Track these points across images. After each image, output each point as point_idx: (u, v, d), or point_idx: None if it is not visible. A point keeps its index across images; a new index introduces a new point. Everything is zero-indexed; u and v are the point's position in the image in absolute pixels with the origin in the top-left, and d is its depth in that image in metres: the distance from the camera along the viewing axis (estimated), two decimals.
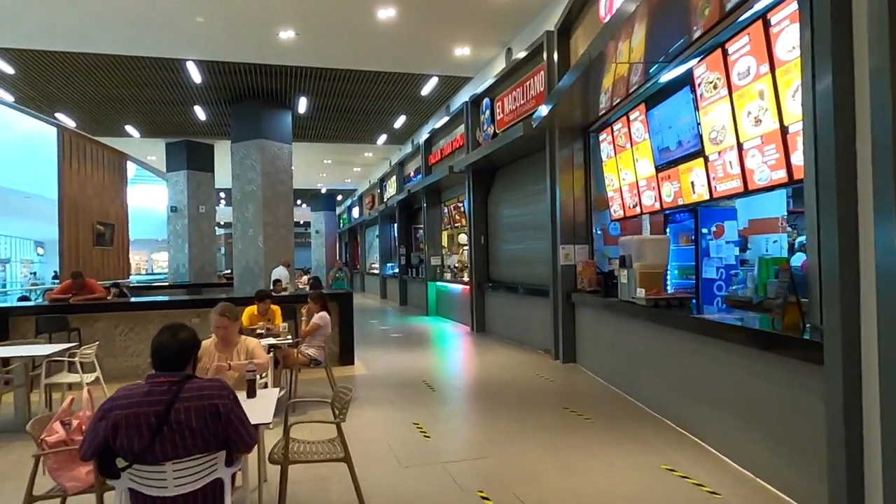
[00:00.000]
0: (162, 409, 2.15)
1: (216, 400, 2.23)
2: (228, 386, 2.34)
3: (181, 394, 2.20)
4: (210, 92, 12.34)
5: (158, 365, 2.28)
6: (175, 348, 2.28)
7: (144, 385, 2.25)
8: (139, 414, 2.12)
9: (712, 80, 4.84)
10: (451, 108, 13.00)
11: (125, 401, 2.14)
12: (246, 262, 12.94)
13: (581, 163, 7.97)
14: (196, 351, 2.43)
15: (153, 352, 2.31)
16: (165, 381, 2.23)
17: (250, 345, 3.60)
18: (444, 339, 11.11)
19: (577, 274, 7.85)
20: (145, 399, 2.16)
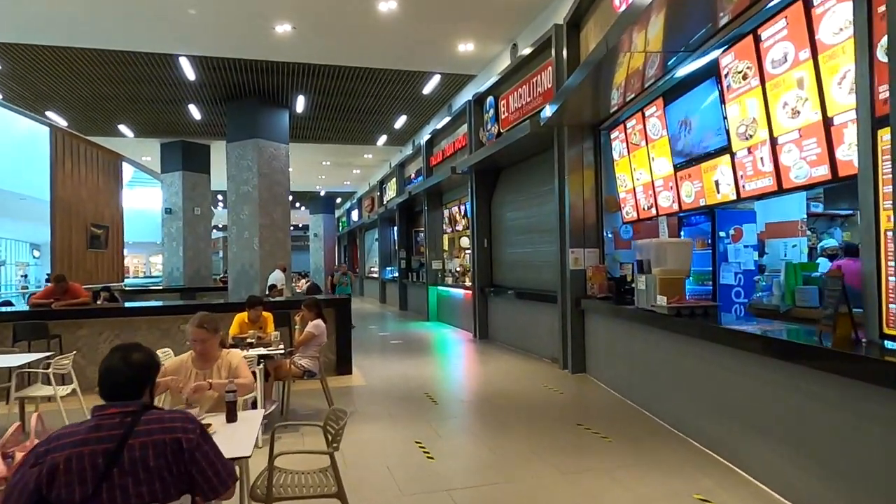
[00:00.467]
0: (112, 446, 1.74)
1: (179, 434, 1.83)
2: (195, 418, 1.94)
3: (137, 427, 1.80)
4: (204, 90, 11.96)
5: (107, 393, 1.88)
6: (127, 373, 1.89)
7: (90, 419, 1.85)
8: (83, 455, 1.72)
9: (741, 69, 4.45)
10: (454, 107, 12.62)
11: (66, 440, 1.74)
12: (241, 265, 12.53)
13: (591, 162, 7.58)
14: (154, 374, 2.03)
15: (100, 378, 1.91)
16: (117, 413, 1.82)
17: (233, 360, 3.19)
18: (446, 346, 10.69)
19: (587, 279, 7.44)
20: (92, 436, 1.76)
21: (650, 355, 5.45)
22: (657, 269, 5.07)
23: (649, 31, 4.89)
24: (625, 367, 6.17)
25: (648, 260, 5.26)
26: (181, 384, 2.87)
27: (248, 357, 4.79)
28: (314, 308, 5.64)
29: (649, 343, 5.45)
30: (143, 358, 1.95)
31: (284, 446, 4.34)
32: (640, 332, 5.66)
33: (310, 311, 5.64)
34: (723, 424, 4.19)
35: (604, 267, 7.42)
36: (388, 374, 7.79)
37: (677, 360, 4.90)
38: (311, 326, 5.56)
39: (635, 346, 5.85)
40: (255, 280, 12.33)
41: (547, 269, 8.77)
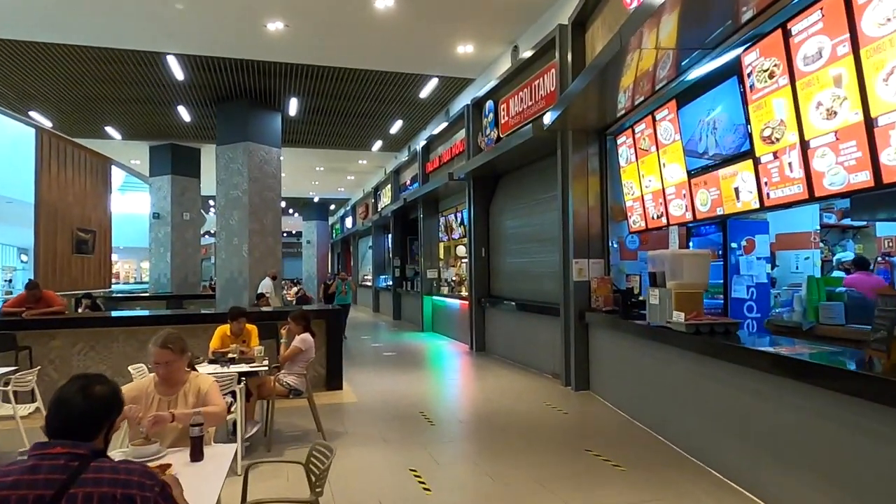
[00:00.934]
0: (50, 493, 1.40)
1: (134, 490, 1.46)
2: (156, 475, 1.55)
3: (84, 474, 1.44)
4: (194, 91, 11.57)
5: (56, 428, 1.54)
6: (83, 407, 1.54)
7: (27, 458, 1.47)
8: (10, 501, 1.36)
9: (767, 67, 4.11)
10: (451, 112, 12.28)
11: None
12: (230, 272, 12.09)
13: (596, 169, 7.23)
14: (115, 414, 1.66)
15: (50, 409, 1.57)
16: (63, 454, 1.46)
17: (202, 385, 2.77)
18: (442, 359, 10.28)
19: (592, 291, 7.07)
20: (26, 478, 1.41)
21: (663, 375, 5.07)
22: (673, 282, 4.70)
23: (664, 29, 4.56)
24: (633, 386, 5.79)
25: (662, 272, 4.89)
26: (140, 413, 2.46)
27: (227, 376, 4.38)
28: (301, 321, 5.23)
29: (662, 362, 5.07)
30: (105, 392, 1.59)
31: (262, 480, 3.92)
32: (651, 350, 5.29)
33: (297, 324, 5.23)
34: (750, 454, 3.80)
35: (609, 279, 7.06)
36: (380, 390, 7.38)
37: (695, 381, 4.52)
38: (298, 341, 5.15)
39: (646, 365, 5.47)
40: (244, 288, 11.89)
41: (548, 279, 8.40)
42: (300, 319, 5.23)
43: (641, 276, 6.79)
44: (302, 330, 5.19)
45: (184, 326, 7.08)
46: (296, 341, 5.15)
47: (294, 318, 5.25)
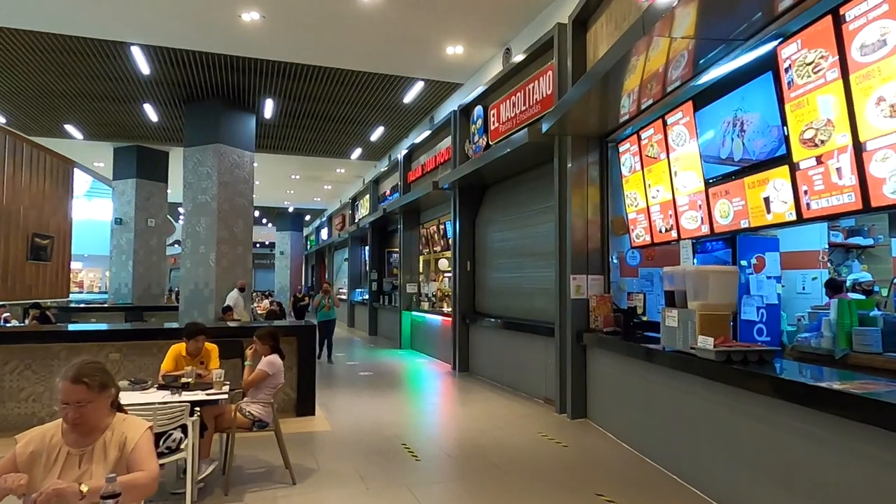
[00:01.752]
0: None
1: None
2: None
3: None
4: (161, 88, 10.80)
5: None
6: None
7: None
8: None
9: (812, 59, 3.62)
10: (436, 119, 11.73)
11: None
12: (195, 283, 11.25)
13: (596, 178, 6.71)
14: None
15: None
16: None
17: (130, 434, 2.05)
18: (422, 380, 9.60)
19: (591, 310, 6.51)
20: None
21: (681, 407, 4.49)
22: (696, 302, 4.15)
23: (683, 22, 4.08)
24: (640, 417, 5.20)
25: (682, 291, 4.34)
26: (22, 482, 1.74)
27: (176, 407, 3.66)
28: (269, 340, 4.53)
29: (681, 392, 4.50)
30: None
31: None
32: (665, 377, 4.72)
33: (264, 344, 4.52)
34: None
35: (609, 297, 6.51)
36: (357, 417, 6.67)
37: (724, 417, 3.95)
38: (265, 364, 4.45)
39: (657, 394, 4.89)
40: (210, 300, 11.06)
41: (540, 296, 7.83)
42: (267, 339, 4.53)
43: (645, 295, 6.25)
44: (269, 351, 4.49)
45: (138, 343, 6.32)
46: (262, 364, 4.45)
47: (260, 336, 4.55)
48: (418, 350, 12.69)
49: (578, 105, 5.80)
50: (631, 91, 5.55)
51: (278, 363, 4.47)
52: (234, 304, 10.45)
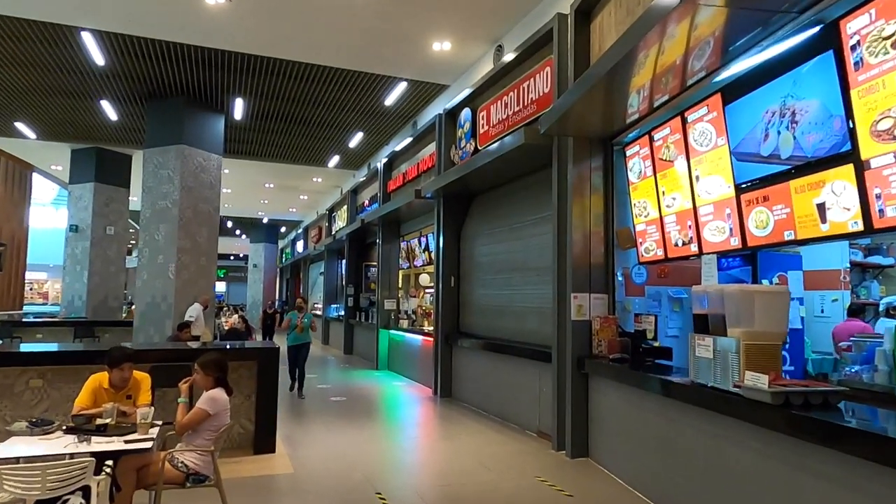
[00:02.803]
0: None
1: None
2: None
3: None
4: (119, 82, 9.87)
5: None
6: None
7: None
8: None
9: (890, 34, 2.94)
10: (419, 124, 10.99)
11: None
12: (151, 296, 10.25)
13: (599, 185, 5.99)
14: None
15: None
16: None
17: None
18: (401, 407, 8.73)
19: (594, 334, 5.75)
20: None
21: (718, 457, 3.71)
22: (740, 329, 3.40)
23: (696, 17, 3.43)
24: (657, 461, 4.42)
25: (719, 315, 3.59)
26: None
27: (76, 463, 2.77)
28: (213, 370, 3.66)
29: (715, 438, 3.72)
30: None
31: None
32: (691, 419, 3.95)
33: (206, 375, 3.65)
34: None
35: (615, 319, 5.76)
36: (325, 454, 5.78)
37: (786, 476, 3.18)
38: (206, 401, 3.57)
39: (682, 437, 4.12)
40: (168, 315, 10.06)
41: (533, 316, 7.05)
42: (211, 368, 3.65)
43: (657, 318, 5.51)
44: (212, 384, 3.61)
45: (66, 368, 5.37)
46: (202, 401, 3.57)
47: (203, 365, 3.67)
48: (396, 371, 11.80)
49: (581, 103, 5.11)
50: (641, 87, 4.87)
51: (223, 400, 3.60)
52: (194, 319, 9.47)
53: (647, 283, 6.18)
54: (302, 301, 10.22)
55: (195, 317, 9.49)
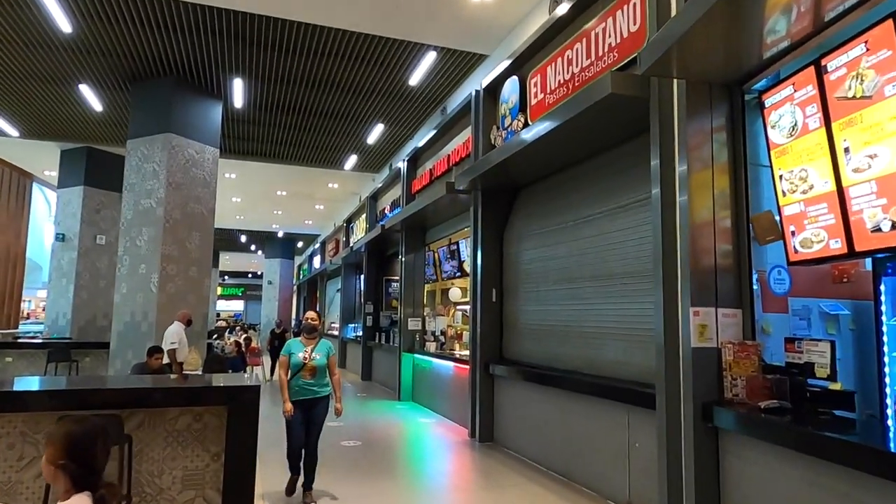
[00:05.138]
0: None
1: None
2: None
3: None
4: (95, 59, 8.34)
5: None
6: None
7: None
8: None
9: None
10: (449, 108, 9.26)
11: None
12: (131, 313, 8.59)
13: (725, 152, 4.13)
14: None
15: None
16: None
17: None
18: (429, 455, 6.86)
19: (725, 367, 3.85)
20: None
21: None
22: None
23: None
24: None
25: None
26: None
27: None
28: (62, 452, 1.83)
29: None
30: None
31: None
32: None
33: (51, 467, 1.82)
34: None
35: (756, 346, 3.86)
36: None
37: None
38: None
39: None
40: (149, 336, 8.38)
41: (616, 342, 5.17)
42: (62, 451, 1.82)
43: (834, 345, 3.59)
44: (64, 482, 1.79)
45: None
46: None
47: (52, 442, 1.85)
48: (422, 404, 9.93)
49: (703, 25, 3.30)
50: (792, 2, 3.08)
51: None
52: (176, 342, 7.71)
53: (790, 293, 4.27)
54: (314, 317, 5.26)
55: (177, 342, 7.72)
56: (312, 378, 4.87)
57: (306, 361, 4.87)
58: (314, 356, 4.91)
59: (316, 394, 4.90)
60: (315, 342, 5.01)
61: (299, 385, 4.87)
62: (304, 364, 4.86)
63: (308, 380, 4.87)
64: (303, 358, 4.88)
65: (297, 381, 4.86)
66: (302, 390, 4.87)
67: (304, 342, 4.99)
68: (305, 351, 4.93)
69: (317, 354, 4.93)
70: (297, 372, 4.86)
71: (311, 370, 4.87)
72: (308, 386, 4.88)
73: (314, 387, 4.89)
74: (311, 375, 4.87)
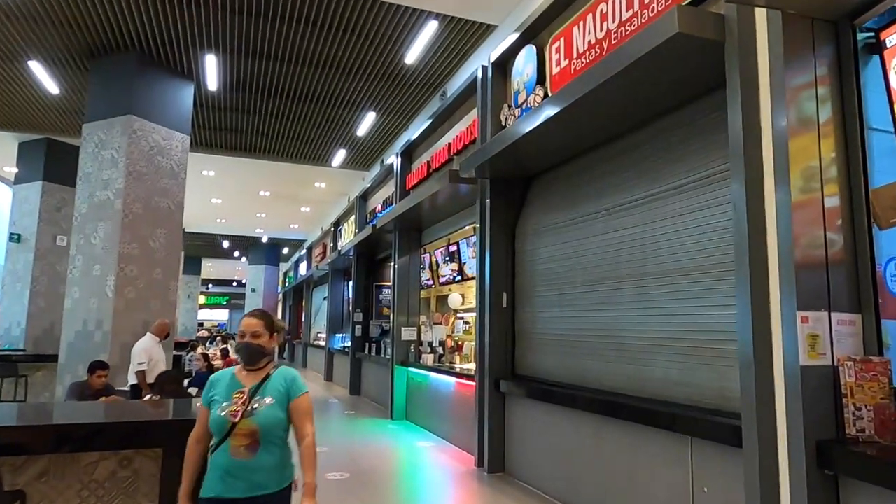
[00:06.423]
0: None
1: None
2: None
3: None
4: (45, 29, 7.25)
5: None
6: None
7: None
8: None
9: None
10: (450, 91, 8.26)
11: None
12: (83, 321, 7.46)
13: (831, 109, 3.16)
14: None
15: None
16: None
17: None
18: (431, 492, 5.78)
19: (846, 392, 2.84)
20: None
21: None
22: None
23: None
24: None
25: None
26: None
27: None
28: None
29: None
30: None
31: None
32: None
33: None
34: None
35: (885, 364, 2.86)
36: None
37: None
38: None
39: None
40: (104, 348, 7.24)
41: (667, 355, 4.15)
42: None
43: None
44: None
45: None
46: None
47: None
48: (418, 424, 8.85)
49: None
50: None
51: None
52: (145, 361, 6.54)
53: None
54: (256, 326, 2.58)
55: (147, 361, 6.52)
56: (251, 453, 2.40)
57: (235, 419, 2.39)
58: (254, 406, 2.44)
59: (257, 489, 2.38)
60: (263, 376, 2.55)
61: (223, 467, 2.39)
62: (233, 424, 2.39)
63: (243, 457, 2.39)
64: (231, 414, 2.41)
65: (220, 457, 2.40)
66: (226, 478, 2.37)
67: (241, 376, 2.56)
68: (237, 396, 2.46)
69: (262, 402, 2.47)
70: (223, 440, 2.40)
71: (249, 437, 2.40)
72: (240, 470, 2.38)
73: (255, 472, 2.39)
74: (251, 447, 2.40)
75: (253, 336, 2.56)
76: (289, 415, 2.55)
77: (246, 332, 2.56)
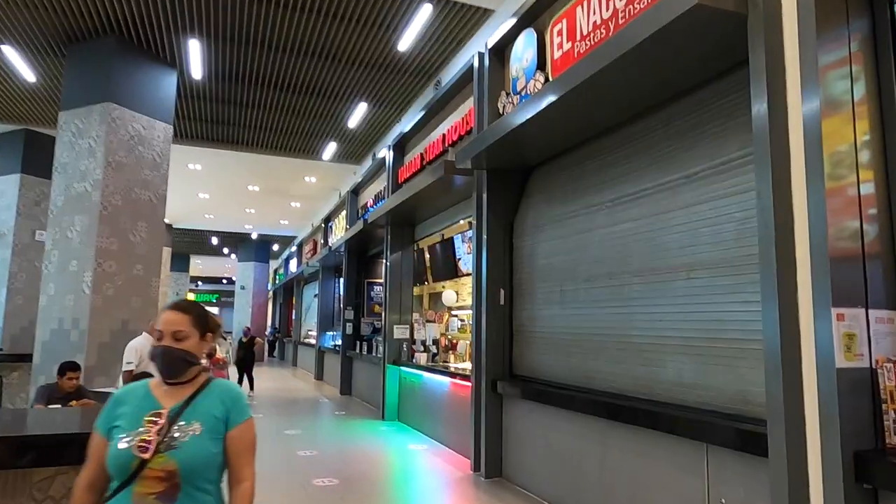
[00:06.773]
0: None
1: None
2: None
3: None
4: (17, 12, 6.87)
5: None
6: None
7: None
8: None
9: None
10: (444, 81, 7.96)
11: None
12: (58, 320, 7.10)
13: (864, 83, 2.89)
14: None
15: None
16: None
17: None
18: (420, 498, 5.49)
19: (886, 398, 2.58)
20: None
21: None
22: None
23: None
24: None
25: None
26: None
27: None
28: None
29: None
30: None
31: None
32: None
33: None
34: None
35: None
36: None
37: None
38: None
39: None
40: (80, 349, 6.89)
41: (681, 356, 3.88)
42: None
43: None
44: None
45: None
46: None
47: None
48: (411, 425, 8.56)
49: None
50: None
51: None
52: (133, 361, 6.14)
53: None
54: (178, 323, 1.78)
55: (136, 361, 6.11)
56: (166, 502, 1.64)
57: (145, 455, 1.63)
58: (175, 436, 1.68)
59: None
60: (190, 393, 1.79)
61: None
62: (141, 462, 1.63)
63: None
64: (138, 447, 1.64)
65: None
66: None
67: (158, 392, 1.80)
68: (151, 421, 1.70)
69: (186, 430, 1.71)
70: (124, 485, 1.63)
71: (164, 481, 1.64)
72: None
73: None
74: (165, 496, 1.64)
75: (175, 337, 1.75)
76: (225, 450, 1.74)
77: (165, 332, 1.75)
